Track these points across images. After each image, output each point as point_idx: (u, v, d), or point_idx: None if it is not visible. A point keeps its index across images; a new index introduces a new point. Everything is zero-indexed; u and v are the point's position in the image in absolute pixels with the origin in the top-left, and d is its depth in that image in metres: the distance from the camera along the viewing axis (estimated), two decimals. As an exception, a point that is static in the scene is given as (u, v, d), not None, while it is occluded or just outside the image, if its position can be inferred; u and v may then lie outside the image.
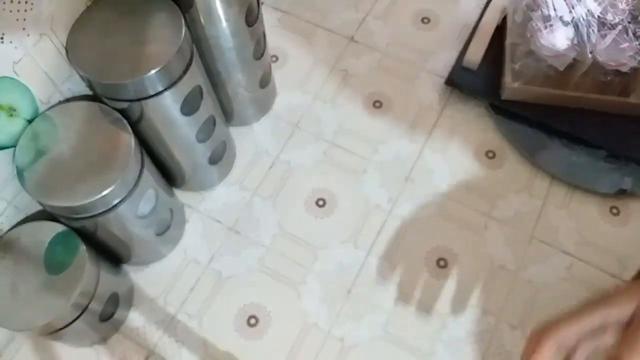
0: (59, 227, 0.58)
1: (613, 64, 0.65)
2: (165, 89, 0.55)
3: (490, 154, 0.76)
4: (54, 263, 0.56)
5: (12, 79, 0.51)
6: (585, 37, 0.65)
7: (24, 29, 0.50)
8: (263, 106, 0.80)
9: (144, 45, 0.54)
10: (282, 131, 0.79)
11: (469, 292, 0.67)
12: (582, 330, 0.37)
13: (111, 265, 0.65)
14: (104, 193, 0.53)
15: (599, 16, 0.66)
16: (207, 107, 0.64)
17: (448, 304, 0.66)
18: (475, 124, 0.79)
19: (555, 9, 0.66)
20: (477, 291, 0.66)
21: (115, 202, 0.55)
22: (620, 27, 0.65)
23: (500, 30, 0.81)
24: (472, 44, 0.80)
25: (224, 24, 0.61)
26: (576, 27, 0.66)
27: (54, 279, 0.56)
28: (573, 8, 0.66)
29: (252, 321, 0.67)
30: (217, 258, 0.71)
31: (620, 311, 0.37)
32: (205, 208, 0.74)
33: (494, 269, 0.68)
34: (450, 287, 0.67)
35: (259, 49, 0.70)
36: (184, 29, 0.54)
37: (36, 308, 0.55)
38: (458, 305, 0.66)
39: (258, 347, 0.65)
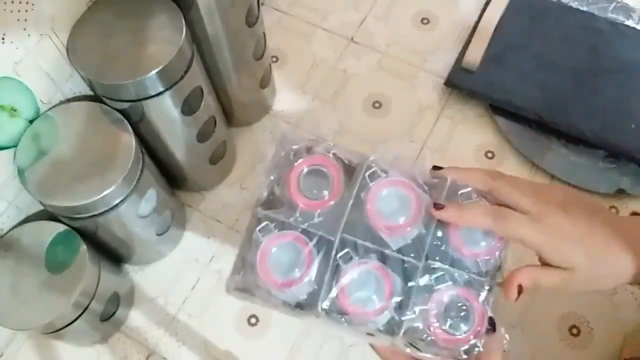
0: (60, 227, 0.58)
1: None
2: (166, 90, 0.55)
3: (490, 154, 0.76)
4: (55, 262, 0.57)
5: (13, 79, 0.51)
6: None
7: (24, 29, 0.50)
8: (263, 106, 0.80)
9: (144, 46, 0.54)
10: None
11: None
12: None
13: (112, 265, 0.65)
14: (105, 193, 0.53)
15: None
16: (208, 107, 0.64)
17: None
18: (474, 124, 0.79)
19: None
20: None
21: (116, 201, 0.55)
22: None
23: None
24: (472, 45, 0.80)
25: (225, 24, 0.61)
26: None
27: (55, 278, 0.56)
28: None
29: (253, 320, 0.67)
30: (218, 257, 0.71)
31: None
32: (205, 208, 0.74)
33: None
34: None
35: (259, 50, 0.71)
36: (184, 30, 0.54)
37: (37, 307, 0.55)
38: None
39: (258, 346, 0.66)
